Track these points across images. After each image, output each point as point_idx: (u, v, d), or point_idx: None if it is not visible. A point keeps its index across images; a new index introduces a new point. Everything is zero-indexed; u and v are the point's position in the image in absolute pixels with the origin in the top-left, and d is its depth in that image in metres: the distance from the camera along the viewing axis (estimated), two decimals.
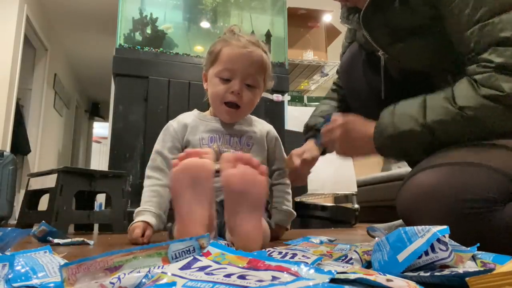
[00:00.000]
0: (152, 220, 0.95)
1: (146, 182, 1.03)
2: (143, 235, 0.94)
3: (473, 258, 0.44)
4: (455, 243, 0.44)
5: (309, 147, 1.05)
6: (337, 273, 0.32)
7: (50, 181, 1.54)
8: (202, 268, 0.34)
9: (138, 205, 1.00)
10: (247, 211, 0.67)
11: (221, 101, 0.99)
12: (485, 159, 0.63)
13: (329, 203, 2.99)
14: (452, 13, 0.69)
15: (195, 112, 1.10)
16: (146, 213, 0.97)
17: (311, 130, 1.08)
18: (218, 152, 1.00)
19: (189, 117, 1.07)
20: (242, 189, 0.67)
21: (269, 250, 0.57)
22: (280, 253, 0.55)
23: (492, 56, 0.64)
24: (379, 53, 0.87)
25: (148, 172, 1.04)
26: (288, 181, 1.15)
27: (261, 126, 1.11)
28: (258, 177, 0.69)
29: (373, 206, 3.28)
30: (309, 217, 2.22)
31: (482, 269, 0.40)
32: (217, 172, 0.98)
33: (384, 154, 0.78)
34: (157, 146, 1.06)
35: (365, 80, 0.97)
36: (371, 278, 0.32)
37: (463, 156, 0.65)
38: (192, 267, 0.35)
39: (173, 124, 1.07)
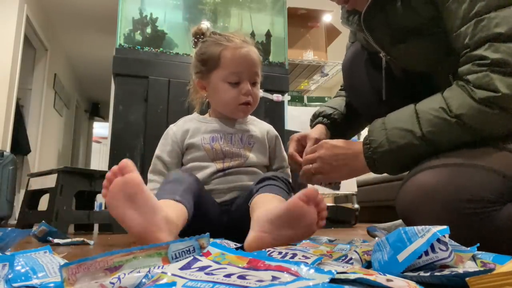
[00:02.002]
0: None
1: (149, 186, 1.03)
2: None
3: (473, 258, 0.44)
4: (455, 243, 0.44)
5: (313, 129, 1.03)
6: (337, 273, 0.32)
7: (50, 181, 1.54)
8: (202, 268, 0.34)
9: None
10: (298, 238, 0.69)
11: (236, 104, 1.01)
12: (484, 160, 0.63)
13: (329, 203, 2.99)
14: (450, 9, 0.68)
15: (195, 115, 1.12)
16: None
17: (319, 117, 1.06)
18: (220, 151, 1.01)
19: (189, 121, 1.08)
20: (306, 225, 0.65)
21: (269, 250, 0.57)
22: (280, 253, 0.55)
23: (488, 52, 0.63)
24: (381, 54, 0.87)
25: (149, 175, 1.05)
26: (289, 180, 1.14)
27: (261, 126, 1.12)
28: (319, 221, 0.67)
29: (373, 206, 3.28)
30: None
31: (482, 269, 0.40)
32: (221, 171, 1.00)
33: (377, 171, 0.76)
34: (157, 151, 1.07)
35: (367, 79, 0.97)
36: (371, 278, 0.32)
37: (462, 157, 0.65)
38: (192, 267, 0.35)
39: (173, 128, 1.08)
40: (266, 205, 0.75)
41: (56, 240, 1.03)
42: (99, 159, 7.58)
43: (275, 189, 0.84)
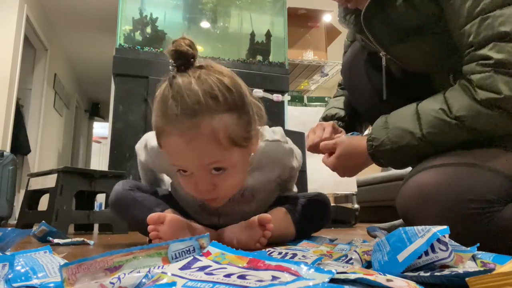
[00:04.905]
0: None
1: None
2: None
3: (473, 258, 0.44)
4: (455, 243, 0.44)
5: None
6: (337, 273, 0.32)
7: (50, 181, 1.54)
8: (202, 268, 0.34)
9: None
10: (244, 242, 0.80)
11: (200, 197, 0.77)
12: (485, 160, 0.63)
13: None
14: (453, 6, 0.67)
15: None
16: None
17: (332, 120, 1.03)
18: (215, 211, 0.90)
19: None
20: (251, 236, 0.80)
21: (269, 250, 0.57)
22: (280, 253, 0.55)
23: (492, 52, 0.62)
24: (381, 54, 0.87)
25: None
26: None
27: (271, 164, 0.87)
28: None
29: (373, 206, 3.28)
30: None
31: (482, 269, 0.40)
32: (217, 225, 0.92)
33: (382, 165, 0.78)
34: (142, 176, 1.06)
35: (367, 79, 0.96)
36: (371, 278, 0.32)
37: (463, 157, 0.65)
38: (192, 267, 0.35)
39: (149, 164, 0.96)
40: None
41: (56, 240, 1.03)
42: (99, 159, 7.57)
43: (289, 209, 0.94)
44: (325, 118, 1.07)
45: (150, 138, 0.87)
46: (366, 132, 1.06)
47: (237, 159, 0.71)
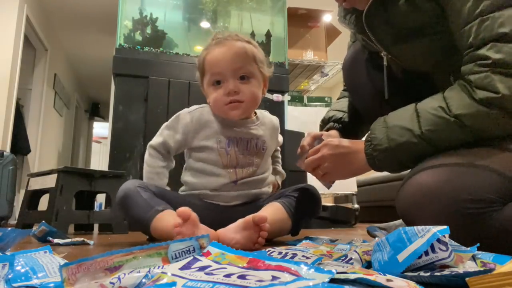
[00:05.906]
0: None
1: (148, 172, 1.05)
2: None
3: (473, 258, 0.44)
4: (455, 243, 0.44)
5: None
6: (337, 273, 0.32)
7: (50, 181, 1.53)
8: (202, 268, 0.34)
9: None
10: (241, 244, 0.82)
11: (222, 105, 0.98)
12: (484, 160, 0.63)
13: (329, 203, 2.99)
14: (454, 7, 0.68)
15: (208, 109, 1.05)
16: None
17: (329, 122, 1.04)
18: (235, 159, 1.01)
19: (207, 116, 1.03)
20: (247, 236, 0.82)
21: (269, 250, 0.57)
22: (280, 253, 0.55)
23: (490, 52, 0.62)
24: (382, 54, 0.87)
25: (151, 159, 1.04)
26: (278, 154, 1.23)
27: (270, 126, 1.10)
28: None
29: (373, 206, 3.28)
30: None
31: (482, 269, 0.40)
32: (233, 182, 1.00)
33: (378, 168, 0.76)
34: (164, 135, 1.03)
35: (368, 79, 0.96)
36: (371, 278, 0.32)
37: (463, 157, 0.65)
38: (192, 267, 0.35)
39: (187, 118, 1.03)
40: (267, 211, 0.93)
41: (56, 240, 1.03)
42: (99, 159, 7.57)
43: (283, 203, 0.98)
44: (324, 121, 1.07)
45: (200, 109, 1.05)
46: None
47: (257, 74, 1.00)
